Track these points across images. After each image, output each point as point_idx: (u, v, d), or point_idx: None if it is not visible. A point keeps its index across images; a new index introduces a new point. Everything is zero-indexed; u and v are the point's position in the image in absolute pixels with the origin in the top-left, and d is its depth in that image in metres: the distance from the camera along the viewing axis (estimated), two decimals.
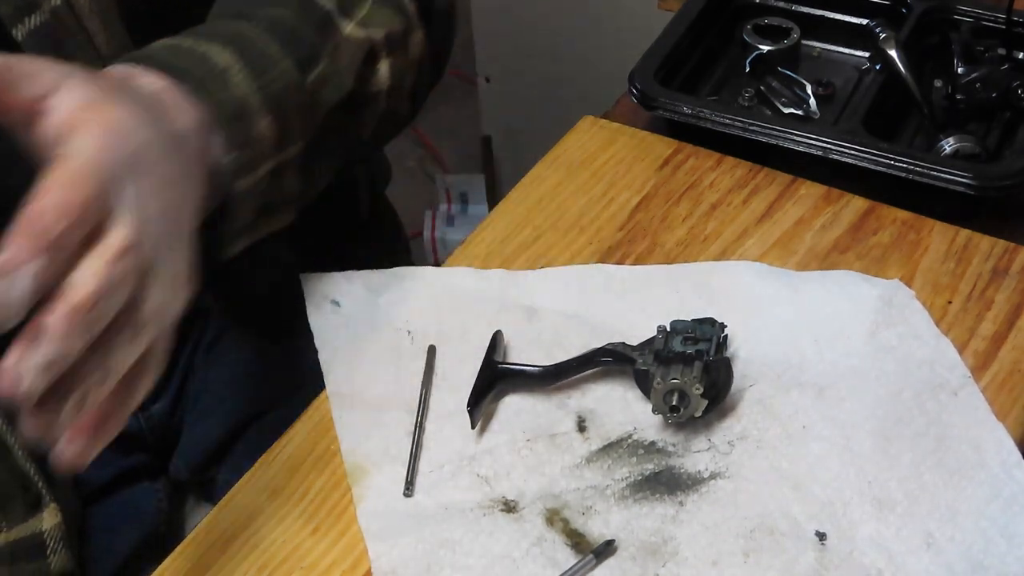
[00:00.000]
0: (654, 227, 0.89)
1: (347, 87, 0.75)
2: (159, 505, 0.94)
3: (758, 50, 1.03)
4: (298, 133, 0.72)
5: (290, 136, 0.71)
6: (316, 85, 0.73)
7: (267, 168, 0.70)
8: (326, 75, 0.74)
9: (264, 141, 0.69)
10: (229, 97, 0.67)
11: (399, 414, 0.77)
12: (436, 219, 2.17)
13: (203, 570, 0.70)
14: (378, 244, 1.04)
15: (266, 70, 0.70)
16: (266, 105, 0.69)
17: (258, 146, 0.69)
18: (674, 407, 0.72)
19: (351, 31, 0.77)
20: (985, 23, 1.00)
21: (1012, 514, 0.68)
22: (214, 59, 0.68)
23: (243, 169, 0.68)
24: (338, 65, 0.75)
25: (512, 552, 0.69)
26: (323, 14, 0.77)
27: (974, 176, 0.86)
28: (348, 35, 0.77)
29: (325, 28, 0.76)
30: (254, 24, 0.72)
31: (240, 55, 0.69)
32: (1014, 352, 0.78)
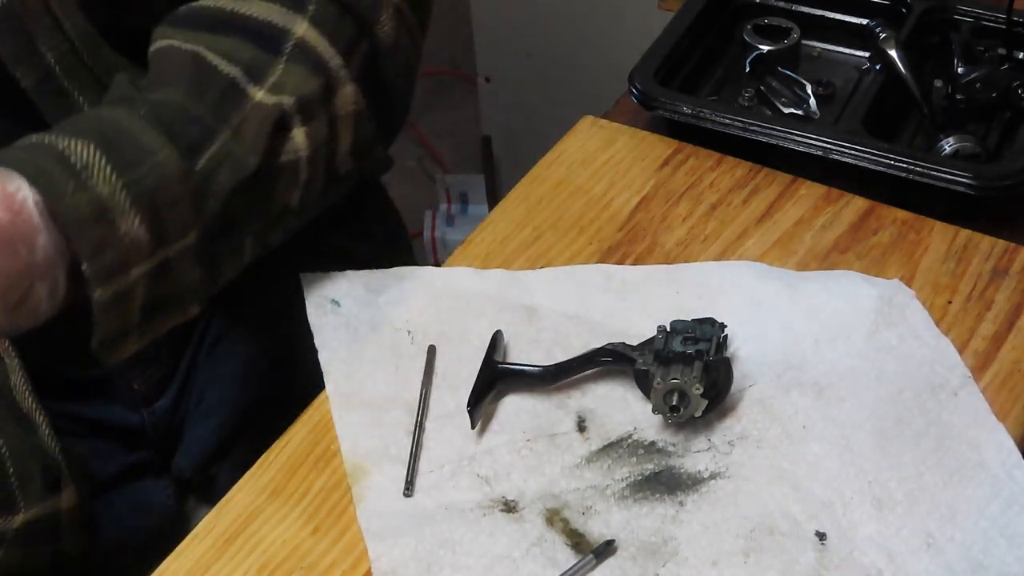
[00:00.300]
0: (654, 227, 0.89)
1: (250, 166, 0.70)
2: (167, 501, 0.94)
3: (758, 50, 1.03)
4: (183, 225, 0.67)
5: (171, 232, 0.67)
6: (208, 169, 0.68)
7: (144, 269, 0.66)
8: (222, 156, 0.69)
9: (135, 243, 0.65)
10: (85, 198, 0.63)
11: (399, 414, 0.77)
12: (436, 219, 2.17)
13: (203, 570, 0.70)
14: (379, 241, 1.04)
15: (137, 164, 0.65)
16: (135, 204, 0.64)
17: (126, 248, 0.64)
18: (674, 407, 0.72)
19: (262, 98, 0.71)
20: (985, 23, 1.00)
21: (1012, 514, 0.68)
22: (73, 156, 0.64)
23: (105, 274, 0.64)
24: (240, 141, 0.70)
25: (512, 552, 0.69)
26: (225, 84, 0.71)
27: (974, 176, 0.86)
28: (259, 102, 0.71)
29: (226, 100, 0.71)
30: (134, 111, 0.68)
31: (106, 150, 0.64)
32: (1014, 352, 0.78)
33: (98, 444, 0.91)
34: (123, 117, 0.67)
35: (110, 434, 0.92)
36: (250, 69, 0.72)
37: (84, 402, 0.89)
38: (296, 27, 0.74)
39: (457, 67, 2.52)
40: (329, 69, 0.75)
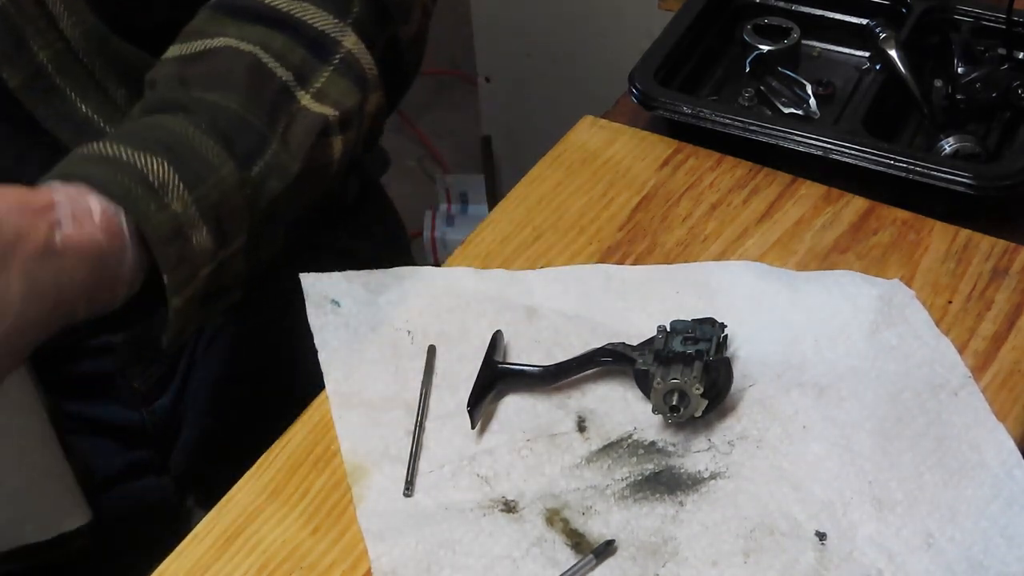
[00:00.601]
0: (654, 227, 0.89)
1: (293, 172, 0.74)
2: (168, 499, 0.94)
3: (758, 50, 1.03)
4: (239, 230, 0.72)
5: (230, 236, 0.71)
6: (260, 177, 0.72)
7: (207, 271, 0.70)
8: (272, 165, 0.73)
9: (203, 252, 0.69)
10: (165, 218, 0.67)
11: (399, 414, 0.77)
12: (436, 219, 2.17)
13: (203, 570, 0.70)
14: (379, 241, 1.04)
15: (204, 179, 0.69)
16: (203, 217, 0.69)
17: (197, 258, 0.69)
18: (674, 407, 0.72)
19: (307, 103, 0.75)
20: (985, 23, 1.00)
21: (1012, 514, 0.68)
22: (151, 175, 0.67)
23: (182, 284, 0.68)
24: (287, 149, 0.74)
25: (512, 552, 0.69)
26: (279, 86, 0.75)
27: (974, 176, 0.86)
28: (304, 107, 0.75)
29: (279, 104, 0.74)
30: (195, 122, 0.71)
31: (178, 166, 0.68)
32: (1014, 352, 0.78)
33: (99, 442, 0.91)
34: (186, 129, 0.70)
35: (110, 433, 0.92)
36: (300, 72, 0.76)
37: (85, 401, 0.90)
38: (346, 39, 0.77)
39: (457, 67, 2.52)
40: (367, 81, 0.78)
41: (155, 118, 0.72)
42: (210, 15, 0.78)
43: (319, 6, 0.77)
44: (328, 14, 0.77)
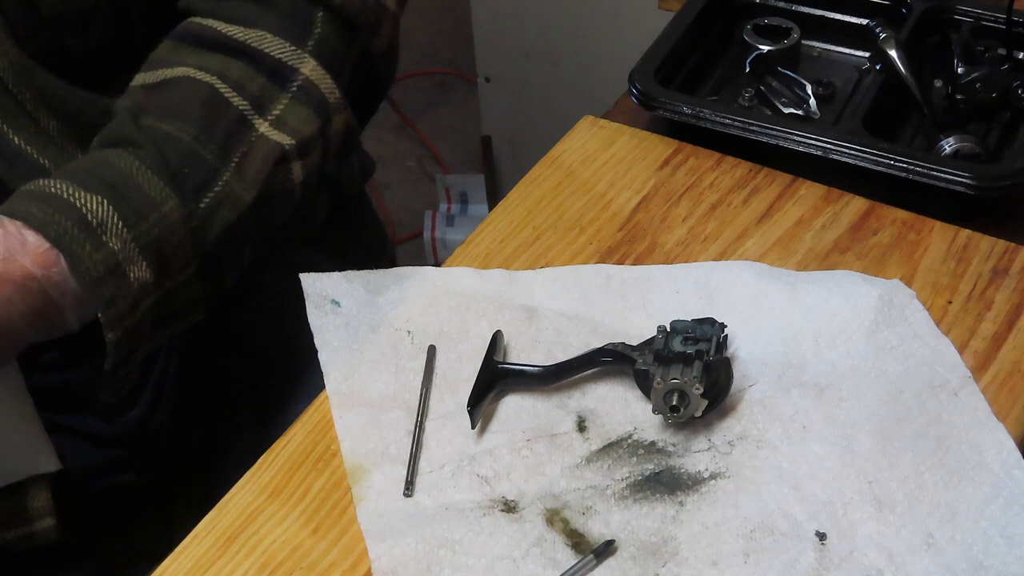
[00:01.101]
0: (654, 227, 0.89)
1: (247, 201, 0.76)
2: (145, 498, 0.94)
3: (758, 50, 1.03)
4: (185, 261, 0.74)
5: (174, 268, 0.74)
6: (210, 208, 0.74)
7: (150, 302, 0.73)
8: (224, 196, 0.75)
9: (143, 285, 0.72)
10: (101, 256, 0.70)
11: (399, 414, 0.77)
12: (436, 219, 2.17)
13: (203, 570, 0.70)
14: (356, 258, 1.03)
15: (145, 216, 0.72)
16: (143, 253, 0.71)
17: (135, 292, 0.71)
18: (674, 407, 0.72)
19: (265, 130, 0.77)
20: (985, 23, 1.00)
21: (1012, 514, 0.68)
22: (90, 215, 0.70)
23: (118, 319, 0.71)
24: (241, 179, 0.75)
25: (512, 552, 0.69)
26: (236, 116, 0.76)
27: (974, 176, 0.86)
28: (262, 134, 0.76)
29: (235, 133, 0.76)
30: (142, 156, 0.73)
31: (117, 205, 0.71)
32: (1014, 352, 0.78)
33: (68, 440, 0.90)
34: (131, 165, 0.73)
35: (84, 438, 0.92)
36: (258, 102, 0.77)
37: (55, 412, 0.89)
38: (303, 66, 0.78)
39: (457, 67, 2.52)
40: (328, 105, 0.79)
41: (103, 153, 0.74)
42: (172, 44, 0.79)
43: (277, 34, 0.78)
44: (285, 42, 0.78)
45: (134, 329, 0.72)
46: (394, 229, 2.24)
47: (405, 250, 2.22)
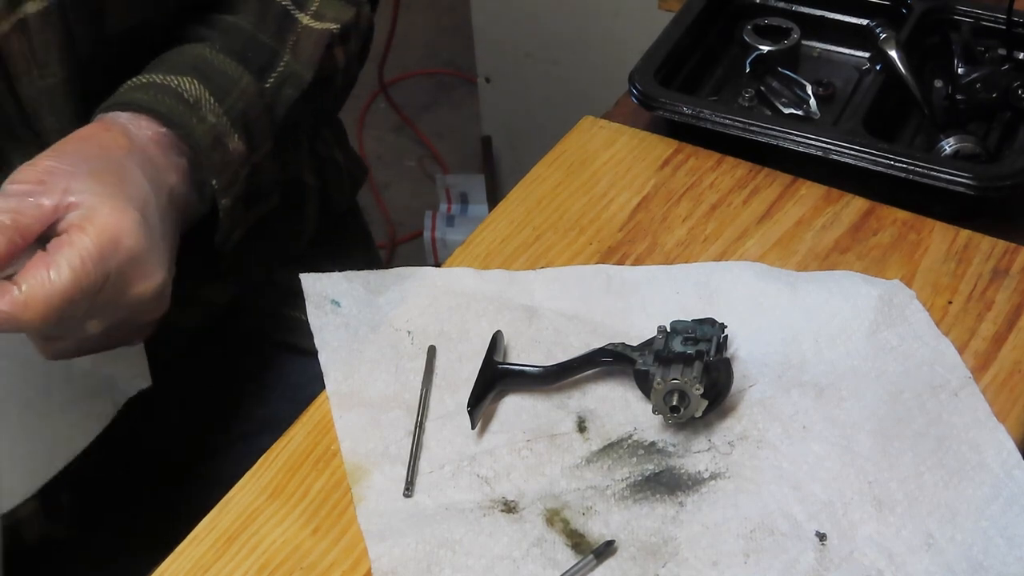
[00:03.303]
0: (654, 227, 0.89)
1: (307, 80, 0.82)
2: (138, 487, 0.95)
3: (758, 50, 1.03)
4: (264, 134, 0.80)
5: (258, 142, 0.79)
6: (276, 86, 0.81)
7: (244, 173, 0.78)
8: (287, 75, 0.82)
9: (239, 156, 0.77)
10: (205, 129, 0.75)
11: (399, 414, 0.77)
12: (436, 219, 2.16)
13: (203, 570, 0.70)
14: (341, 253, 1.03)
15: (229, 91, 0.77)
16: (234, 126, 0.77)
17: (235, 162, 0.77)
18: (674, 407, 0.72)
19: (308, 22, 0.84)
20: (985, 23, 1.00)
21: (1012, 514, 0.68)
22: (185, 92, 0.76)
23: (227, 185, 0.77)
24: (298, 60, 0.82)
25: (512, 552, 0.69)
26: (281, 11, 0.83)
27: (974, 176, 0.86)
28: (306, 26, 0.83)
29: (284, 26, 0.83)
30: (212, 44, 0.80)
31: (205, 82, 0.77)
32: (1014, 352, 0.78)
33: None
34: (204, 51, 0.79)
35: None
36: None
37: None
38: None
39: (457, 67, 2.52)
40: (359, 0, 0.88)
41: (177, 49, 0.80)
42: None
43: None
44: None
45: (237, 201, 0.78)
46: (394, 229, 2.24)
47: (405, 250, 2.22)
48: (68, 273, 0.64)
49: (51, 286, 0.64)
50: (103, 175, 0.68)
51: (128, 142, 0.72)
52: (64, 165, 0.68)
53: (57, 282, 0.64)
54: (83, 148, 0.71)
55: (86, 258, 0.65)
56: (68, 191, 0.67)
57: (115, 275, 0.67)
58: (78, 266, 0.65)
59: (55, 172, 0.67)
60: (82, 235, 0.66)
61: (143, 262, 0.69)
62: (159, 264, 0.70)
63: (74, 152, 0.70)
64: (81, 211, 0.66)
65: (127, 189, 0.69)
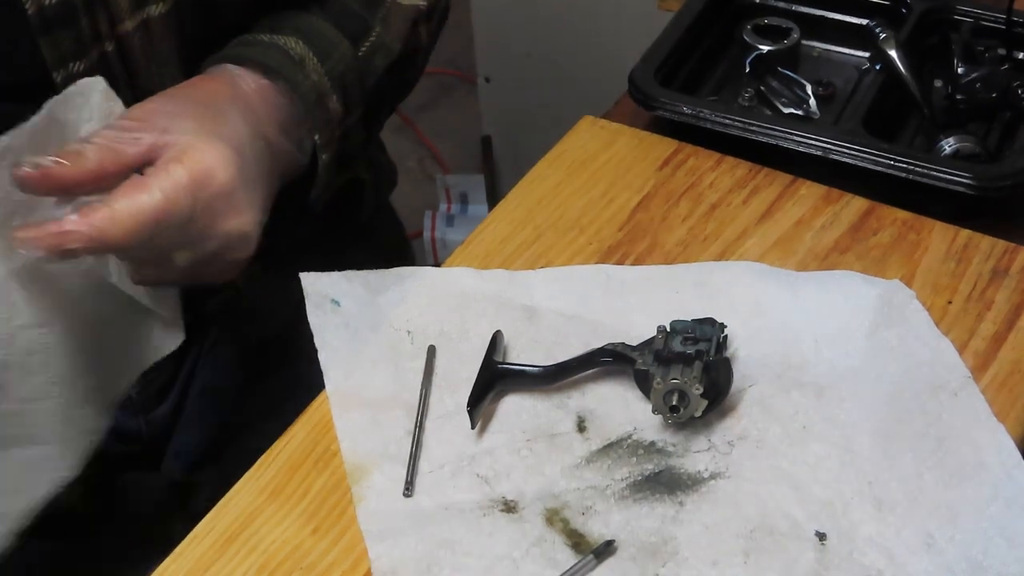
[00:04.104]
0: (654, 227, 0.89)
1: (395, 52, 0.86)
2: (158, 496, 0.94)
3: (758, 50, 1.03)
4: (357, 101, 0.83)
5: (352, 105, 0.82)
6: (368, 55, 0.84)
7: (339, 134, 0.81)
8: (377, 45, 0.85)
9: (336, 116, 0.80)
10: (310, 86, 0.78)
11: (399, 414, 0.77)
12: (436, 219, 2.16)
13: (203, 570, 0.70)
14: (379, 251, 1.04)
15: (330, 54, 0.80)
16: (334, 87, 0.80)
17: (333, 121, 0.80)
18: (674, 407, 0.72)
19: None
20: (985, 23, 1.00)
21: (1012, 515, 0.68)
22: (291, 51, 0.79)
23: (327, 141, 0.80)
24: (388, 32, 0.86)
25: (512, 552, 0.69)
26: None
27: (974, 176, 0.86)
28: (395, 1, 0.87)
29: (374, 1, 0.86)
30: (312, 12, 0.83)
31: (309, 44, 0.79)
32: (1014, 352, 0.78)
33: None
34: (305, 17, 0.82)
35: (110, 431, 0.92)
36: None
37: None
38: None
39: (457, 67, 2.52)
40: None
41: (278, 14, 0.83)
42: None
43: None
44: None
45: (332, 159, 0.80)
46: None
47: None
48: (159, 196, 0.66)
49: (140, 205, 0.65)
50: (203, 118, 0.71)
51: (232, 91, 0.75)
52: (167, 108, 0.70)
53: (147, 203, 0.65)
54: (189, 94, 0.74)
55: (178, 186, 0.67)
56: (167, 130, 0.68)
57: (205, 207, 0.68)
58: (169, 191, 0.66)
59: (157, 113, 0.69)
60: (177, 165, 0.67)
61: (234, 199, 0.70)
62: (250, 204, 0.71)
63: (180, 97, 0.73)
64: (177, 147, 0.68)
65: (224, 130, 0.71)
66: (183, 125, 0.69)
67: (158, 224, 0.66)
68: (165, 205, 0.66)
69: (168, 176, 0.67)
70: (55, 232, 0.64)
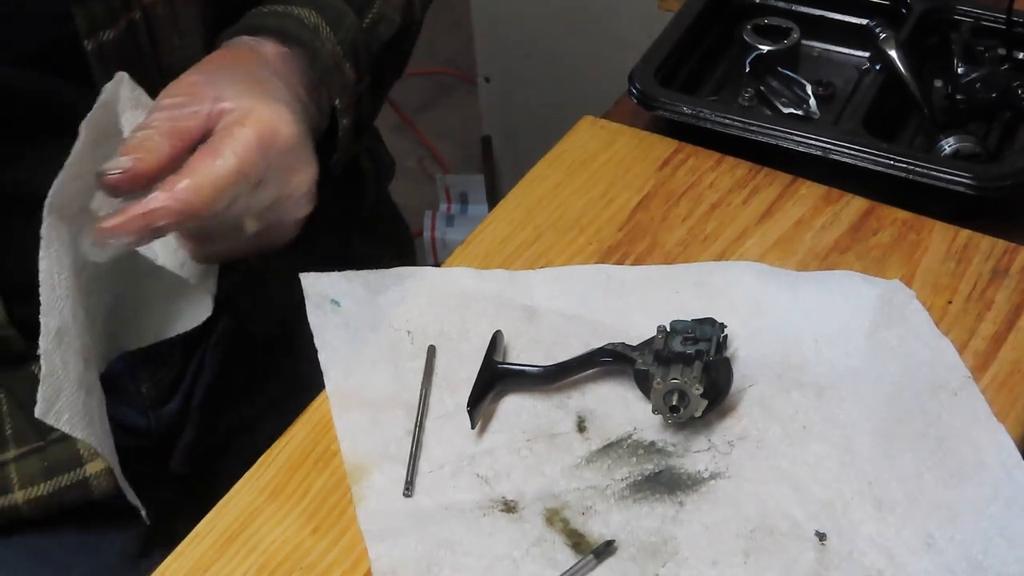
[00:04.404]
0: (654, 227, 0.89)
1: (396, 24, 0.87)
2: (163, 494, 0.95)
3: (758, 50, 1.03)
4: (366, 68, 0.84)
5: (362, 72, 0.83)
6: (372, 25, 0.85)
7: (355, 100, 0.83)
8: (380, 16, 0.86)
9: (351, 81, 0.82)
10: (327, 53, 0.80)
11: (399, 414, 0.77)
12: (436, 219, 2.16)
13: (203, 570, 0.70)
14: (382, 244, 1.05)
15: (341, 23, 0.82)
16: (346, 53, 0.81)
17: (349, 87, 0.81)
18: (674, 407, 0.72)
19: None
20: (985, 23, 1.00)
21: (1012, 515, 0.68)
22: (305, 19, 0.80)
23: (347, 106, 0.81)
24: (387, 5, 0.87)
25: (512, 552, 0.69)
26: None
27: (974, 176, 0.86)
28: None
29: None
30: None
31: (321, 13, 0.81)
32: (1014, 352, 0.78)
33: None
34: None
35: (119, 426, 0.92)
36: None
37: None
38: None
39: (457, 67, 2.52)
40: None
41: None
42: None
43: None
44: None
45: (351, 125, 0.82)
46: None
47: None
48: (232, 159, 0.67)
49: (217, 170, 0.66)
50: (247, 82, 0.72)
51: (257, 56, 0.76)
52: (208, 78, 0.71)
53: (223, 167, 0.67)
54: (221, 63, 0.75)
55: (248, 146, 0.68)
56: (219, 98, 0.69)
57: (275, 165, 0.70)
58: (241, 152, 0.67)
59: (201, 83, 0.70)
60: (242, 128, 0.68)
61: (299, 153, 0.72)
62: (310, 159, 0.73)
63: (214, 67, 0.73)
64: (236, 112, 0.69)
65: (272, 90, 0.72)
66: (232, 91, 0.70)
67: (236, 187, 0.67)
68: (240, 167, 0.67)
69: (236, 139, 0.68)
70: (142, 213, 0.65)
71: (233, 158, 0.67)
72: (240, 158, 0.67)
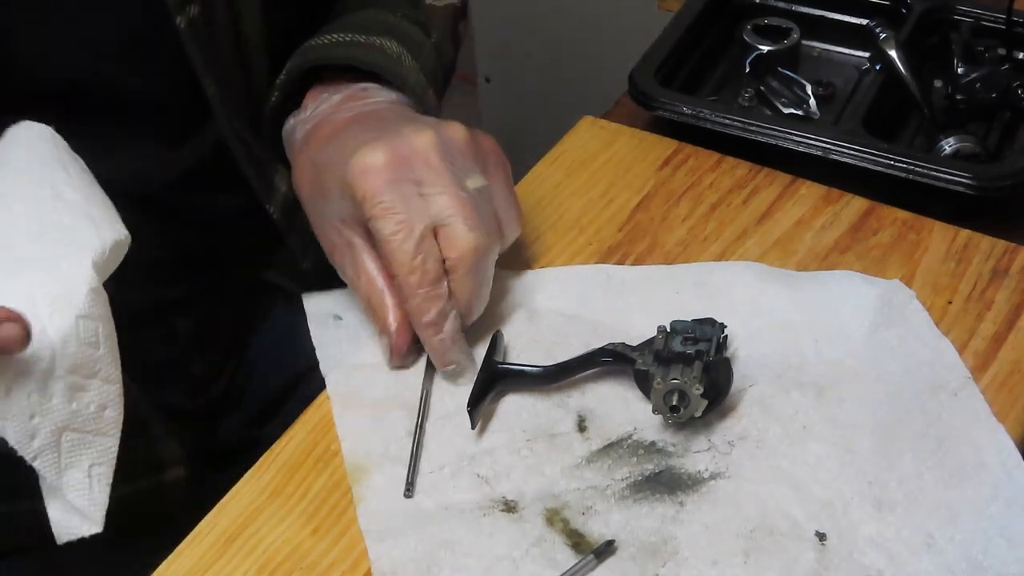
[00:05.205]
0: (654, 227, 0.89)
1: (451, 54, 0.91)
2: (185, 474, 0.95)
3: (758, 50, 1.04)
4: (441, 94, 0.88)
5: (440, 96, 0.88)
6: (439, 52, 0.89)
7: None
8: (438, 43, 0.89)
9: (433, 109, 0.85)
10: (415, 82, 0.83)
11: (399, 414, 0.77)
12: None
13: (203, 570, 0.70)
14: None
15: (419, 52, 0.85)
16: (427, 80, 0.85)
17: (432, 112, 0.84)
18: (674, 407, 0.72)
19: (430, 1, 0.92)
20: (985, 23, 1.00)
21: (1012, 515, 0.68)
22: (389, 51, 0.83)
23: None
24: (441, 34, 0.90)
25: (512, 552, 0.69)
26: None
27: (974, 176, 0.86)
28: (429, 4, 0.91)
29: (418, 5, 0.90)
30: (394, 14, 0.87)
31: (401, 43, 0.84)
32: (1014, 352, 0.78)
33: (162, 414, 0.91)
34: (388, 17, 0.87)
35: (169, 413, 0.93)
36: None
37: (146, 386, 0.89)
38: None
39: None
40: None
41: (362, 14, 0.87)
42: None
43: None
44: None
45: None
46: None
47: None
48: (477, 235, 0.75)
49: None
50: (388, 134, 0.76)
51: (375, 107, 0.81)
52: (368, 165, 0.74)
53: (474, 241, 0.75)
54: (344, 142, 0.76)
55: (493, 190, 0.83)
56: (420, 189, 0.75)
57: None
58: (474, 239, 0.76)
59: (380, 188, 0.73)
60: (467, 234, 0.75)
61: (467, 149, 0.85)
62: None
63: (348, 145, 0.75)
64: (446, 229, 0.74)
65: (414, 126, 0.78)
66: (416, 177, 0.75)
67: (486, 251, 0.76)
68: (487, 241, 0.76)
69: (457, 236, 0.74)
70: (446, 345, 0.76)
71: (476, 235, 0.75)
72: (482, 231, 0.76)
